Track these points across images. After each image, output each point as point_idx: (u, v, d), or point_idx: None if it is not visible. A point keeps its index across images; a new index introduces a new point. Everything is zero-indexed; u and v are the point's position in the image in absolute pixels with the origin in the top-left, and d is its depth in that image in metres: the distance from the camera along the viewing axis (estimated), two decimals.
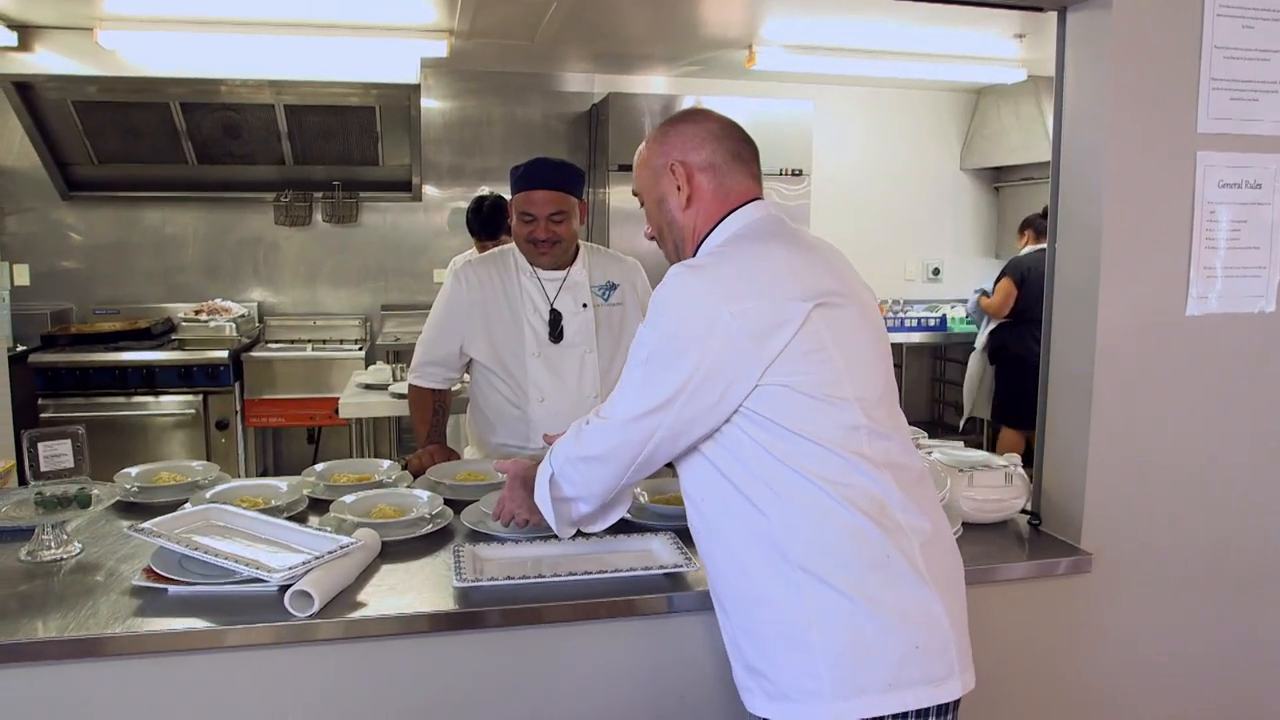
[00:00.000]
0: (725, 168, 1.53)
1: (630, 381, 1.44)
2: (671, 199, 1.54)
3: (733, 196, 1.53)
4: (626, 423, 1.43)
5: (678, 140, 1.55)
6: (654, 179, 1.57)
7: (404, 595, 1.63)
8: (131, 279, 5.37)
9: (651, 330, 1.41)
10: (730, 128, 1.56)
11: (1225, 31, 1.90)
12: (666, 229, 1.57)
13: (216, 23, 4.27)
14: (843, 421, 1.38)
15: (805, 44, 4.82)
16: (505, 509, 1.79)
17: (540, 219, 2.42)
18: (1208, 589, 2.09)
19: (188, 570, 1.64)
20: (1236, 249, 1.97)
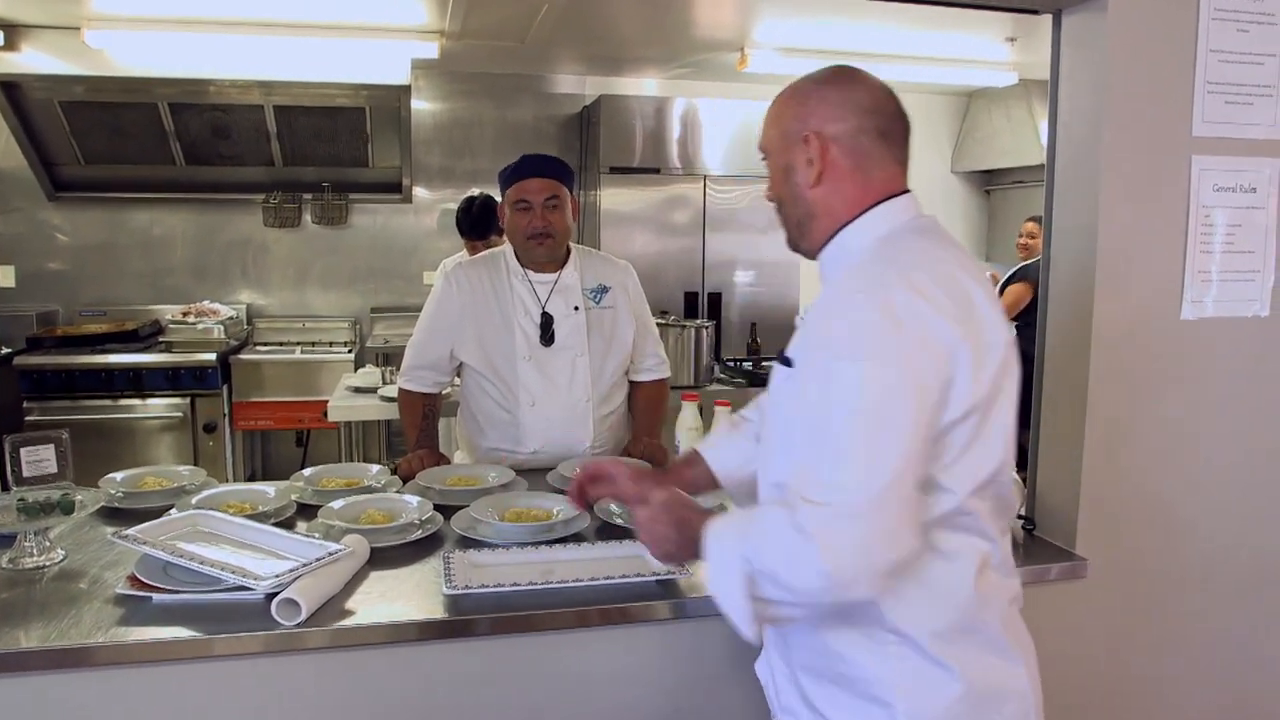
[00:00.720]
0: (870, 148, 1.34)
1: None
2: (800, 172, 1.35)
3: (875, 184, 1.35)
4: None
5: (819, 106, 1.34)
6: (784, 144, 1.37)
7: (393, 603, 1.61)
8: (119, 281, 5.32)
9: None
10: (882, 99, 1.36)
11: (1220, 35, 1.90)
12: (790, 202, 1.40)
13: (205, 23, 4.24)
14: (980, 468, 1.26)
15: (797, 47, 4.81)
16: (655, 546, 1.44)
17: (536, 205, 2.41)
18: (1204, 594, 2.09)
19: (173, 578, 1.61)
20: (1231, 253, 1.96)
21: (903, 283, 1.21)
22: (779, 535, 1.17)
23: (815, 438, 1.18)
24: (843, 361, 1.18)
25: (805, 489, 1.16)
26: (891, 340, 1.17)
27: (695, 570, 1.72)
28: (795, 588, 1.17)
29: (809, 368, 1.26)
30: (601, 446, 2.51)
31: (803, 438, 1.21)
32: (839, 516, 1.14)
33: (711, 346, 4.06)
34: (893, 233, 1.33)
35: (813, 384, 1.22)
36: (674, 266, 5.20)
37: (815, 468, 1.17)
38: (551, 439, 2.46)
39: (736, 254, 5.28)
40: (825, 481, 1.15)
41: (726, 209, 5.24)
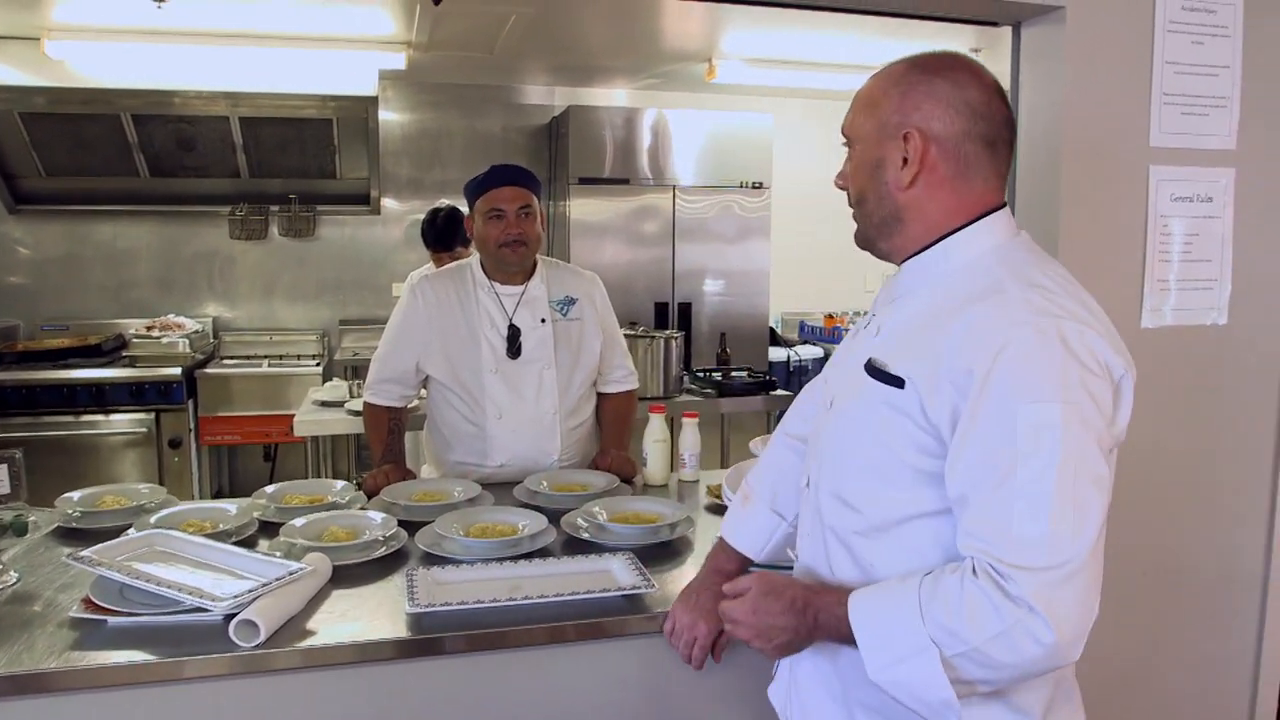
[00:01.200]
0: (974, 156, 1.21)
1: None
2: (891, 169, 1.23)
3: (975, 195, 1.23)
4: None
5: (925, 100, 1.21)
6: (877, 136, 1.24)
7: (355, 622, 1.59)
8: (82, 294, 5.24)
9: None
10: (995, 103, 1.23)
11: (1176, 47, 1.93)
12: (874, 200, 1.27)
13: (169, 34, 4.19)
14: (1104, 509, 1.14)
15: (765, 57, 4.83)
16: (766, 641, 1.28)
17: (509, 214, 2.40)
18: (1160, 601, 2.11)
19: (129, 600, 1.58)
20: (1189, 262, 1.99)
21: (1065, 310, 1.11)
22: (988, 611, 1.04)
23: (1004, 489, 1.06)
24: (1035, 405, 1.06)
25: (1010, 552, 1.05)
26: (1075, 378, 1.07)
27: (665, 584, 1.71)
28: (1011, 665, 1.06)
29: (977, 410, 1.09)
30: (569, 459, 2.50)
31: (979, 488, 1.09)
32: (1057, 581, 1.03)
33: (681, 357, 4.06)
34: (1002, 249, 1.22)
35: (988, 428, 1.08)
36: (644, 277, 5.19)
37: (1017, 526, 1.05)
38: (518, 452, 2.44)
39: (706, 264, 5.29)
40: (1031, 540, 1.04)
41: (696, 219, 5.25)
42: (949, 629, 1.07)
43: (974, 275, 1.19)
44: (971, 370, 1.10)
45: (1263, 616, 2.17)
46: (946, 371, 1.13)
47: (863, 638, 1.14)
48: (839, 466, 1.28)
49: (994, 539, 1.06)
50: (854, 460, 1.25)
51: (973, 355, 1.10)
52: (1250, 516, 2.15)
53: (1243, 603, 2.17)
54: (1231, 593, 2.16)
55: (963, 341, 1.12)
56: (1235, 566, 2.15)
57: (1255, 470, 2.14)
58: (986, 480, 1.08)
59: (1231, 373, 2.08)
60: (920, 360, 1.16)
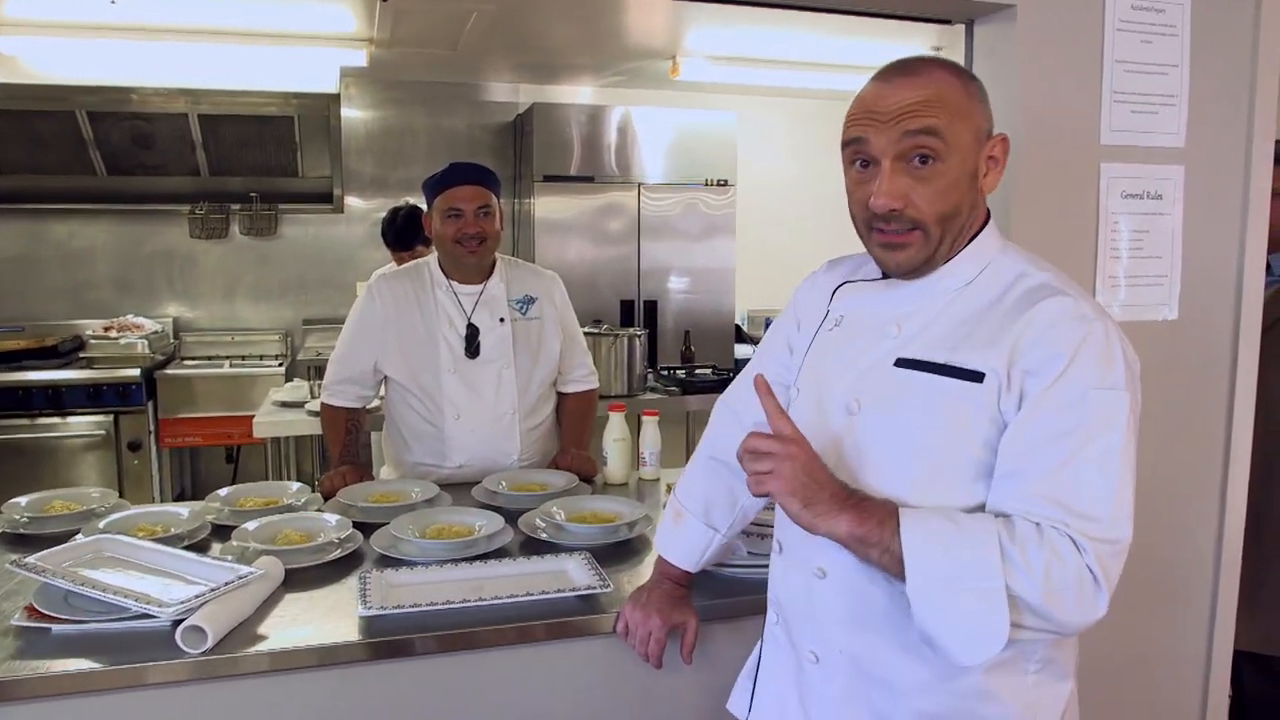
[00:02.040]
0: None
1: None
2: (985, 177, 1.25)
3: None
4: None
5: (986, 105, 1.26)
6: (976, 143, 1.23)
7: (307, 626, 1.57)
8: (37, 295, 5.14)
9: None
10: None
11: (1125, 46, 1.95)
12: (966, 211, 1.24)
13: (125, 29, 4.12)
14: None
15: (728, 55, 4.83)
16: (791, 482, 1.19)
17: (467, 212, 2.38)
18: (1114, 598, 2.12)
19: (74, 607, 1.55)
20: (1139, 258, 2.01)
21: (1097, 310, 1.21)
22: (1064, 567, 1.10)
23: (1077, 461, 1.13)
24: (1106, 391, 1.14)
25: (1076, 520, 1.11)
26: (1130, 373, 1.18)
27: (622, 583, 1.71)
28: (1059, 621, 1.12)
29: (1052, 391, 1.14)
30: (529, 459, 2.49)
31: (1047, 458, 1.13)
32: (1113, 555, 1.13)
33: (645, 355, 4.05)
34: (1008, 248, 1.30)
35: (1060, 405, 1.14)
36: (609, 275, 5.18)
37: (1088, 497, 1.12)
38: (477, 452, 2.42)
39: (671, 261, 5.29)
40: (1099, 514, 1.12)
41: (661, 216, 5.25)
42: (1025, 573, 1.09)
43: (1005, 278, 1.24)
44: (1053, 358, 1.15)
45: (1214, 607, 2.20)
46: (1021, 360, 1.17)
47: (920, 550, 1.11)
48: (887, 468, 1.24)
49: (1064, 509, 1.12)
50: (909, 461, 1.23)
51: (1055, 345, 1.15)
52: (1201, 508, 2.18)
53: (1194, 594, 2.20)
54: (1183, 583, 2.19)
55: (1042, 333, 1.17)
56: (1187, 558, 2.18)
57: (1205, 461, 2.17)
58: (1055, 455, 1.13)
59: (1182, 367, 2.11)
60: (992, 353, 1.18)
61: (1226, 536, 2.17)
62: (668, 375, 4.26)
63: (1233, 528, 2.17)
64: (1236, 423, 2.14)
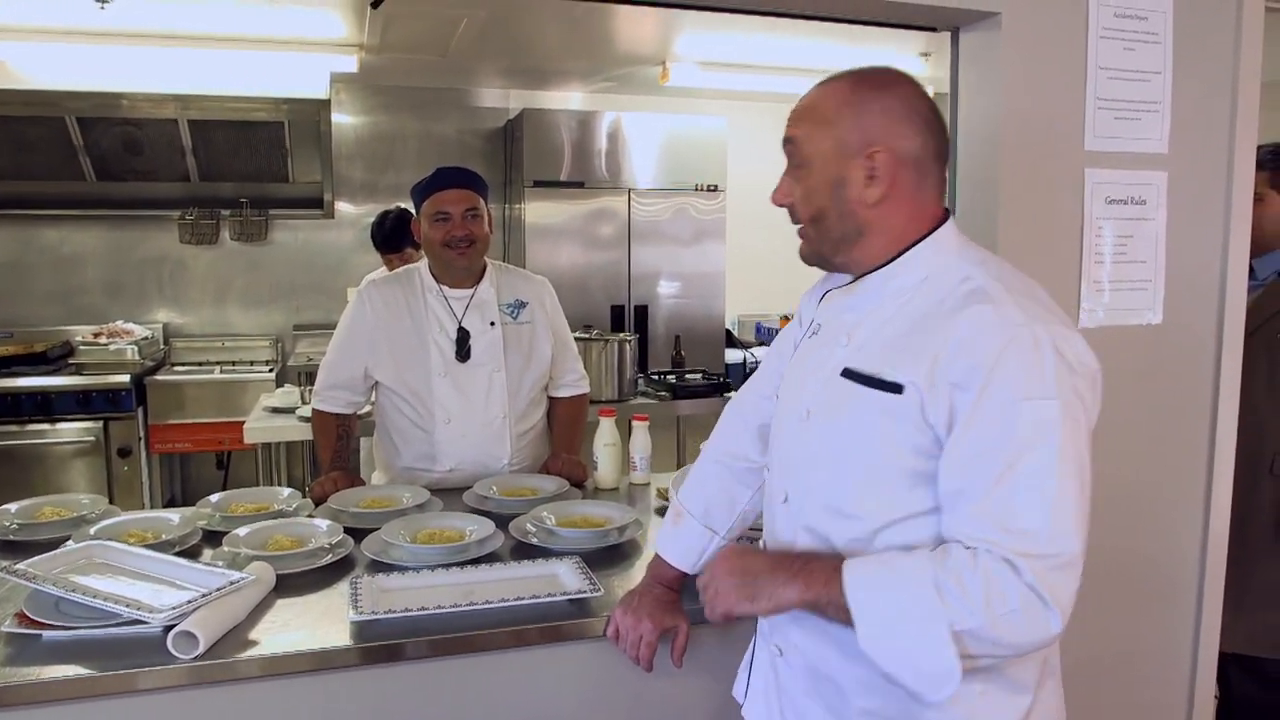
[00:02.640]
0: (929, 168, 1.26)
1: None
2: (854, 187, 1.25)
3: (929, 207, 1.28)
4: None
5: (883, 118, 1.23)
6: (837, 154, 1.25)
7: (298, 631, 1.57)
8: (27, 301, 5.13)
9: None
10: (938, 115, 1.27)
11: (1108, 53, 1.97)
12: (835, 216, 1.28)
13: (115, 35, 4.12)
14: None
15: (718, 61, 4.86)
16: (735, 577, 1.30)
17: (455, 216, 2.39)
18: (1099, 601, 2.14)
19: (65, 614, 1.55)
20: (1123, 263, 2.03)
21: (1049, 315, 1.18)
22: (1002, 591, 1.08)
23: (1008, 481, 1.11)
24: (1034, 402, 1.11)
25: (1010, 539, 1.09)
26: (1066, 378, 1.13)
27: (613, 588, 1.72)
28: (1012, 643, 1.11)
29: (979, 407, 1.13)
30: (519, 464, 2.50)
31: (980, 479, 1.12)
32: (1056, 568, 1.09)
33: (635, 360, 4.06)
34: (962, 252, 1.27)
35: (988, 423, 1.12)
36: (600, 280, 5.20)
37: (1020, 515, 1.10)
38: (468, 457, 2.43)
39: (662, 266, 5.30)
40: (1035, 530, 1.09)
41: (651, 221, 5.26)
42: (963, 605, 1.09)
43: (949, 283, 1.22)
44: (974, 369, 1.14)
45: (1199, 608, 2.22)
46: (945, 372, 1.16)
47: (863, 601, 1.14)
48: (832, 476, 1.28)
49: (999, 529, 1.10)
50: (850, 468, 1.26)
51: (974, 356, 1.14)
52: (1185, 510, 2.20)
53: (1180, 595, 2.22)
54: (1168, 585, 2.21)
55: (963, 344, 1.15)
56: (1172, 560, 2.20)
57: (1190, 464, 2.19)
58: (988, 473, 1.12)
59: (1166, 371, 2.13)
60: (916, 365, 1.18)
61: (1211, 538, 2.19)
62: (658, 380, 4.27)
63: (1217, 529, 2.19)
64: (1220, 426, 2.17)
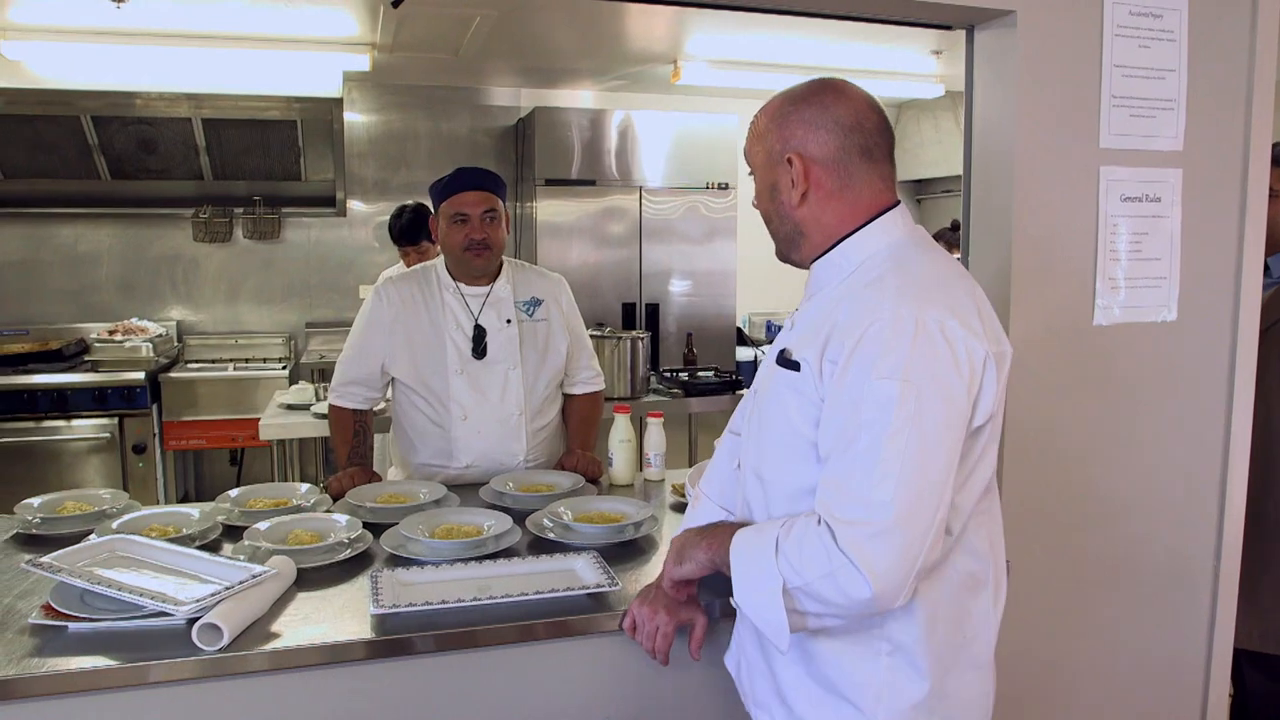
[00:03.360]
0: (854, 166, 1.35)
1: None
2: (784, 191, 1.38)
3: (864, 200, 1.36)
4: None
5: (798, 126, 1.35)
6: (767, 163, 1.40)
7: (319, 625, 1.59)
8: (42, 298, 5.18)
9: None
10: (864, 116, 1.35)
11: (1123, 51, 1.97)
12: (776, 219, 1.42)
13: (129, 34, 4.14)
14: (984, 475, 1.32)
15: (729, 59, 4.86)
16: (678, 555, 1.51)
17: (474, 218, 2.40)
18: (1111, 595, 2.15)
19: (90, 606, 1.57)
20: (1139, 260, 2.04)
21: (929, 299, 1.24)
22: (820, 557, 1.20)
23: (848, 454, 1.21)
24: (878, 381, 1.19)
25: (840, 508, 1.20)
26: (926, 359, 1.19)
27: (629, 582, 1.73)
28: (836, 603, 1.21)
29: (841, 386, 1.23)
30: (535, 460, 2.51)
31: (833, 452, 1.23)
32: (876, 535, 1.17)
33: (648, 357, 4.08)
34: (894, 245, 1.34)
35: (843, 399, 1.23)
36: (611, 278, 5.21)
37: (849, 486, 1.20)
38: (484, 453, 2.45)
39: (673, 264, 5.31)
40: (860, 499, 1.18)
41: (662, 220, 5.27)
42: (792, 564, 1.23)
43: (867, 270, 1.33)
44: (842, 348, 1.24)
45: (1214, 609, 2.22)
46: (827, 351, 1.27)
47: (734, 565, 1.33)
48: (758, 447, 1.42)
49: (835, 495, 1.21)
50: (768, 440, 1.39)
51: (845, 336, 1.24)
52: (1200, 507, 2.20)
53: (1194, 596, 2.22)
54: (1182, 586, 2.21)
55: (839, 325, 1.26)
56: (1186, 560, 2.20)
57: (1205, 463, 2.19)
58: (837, 446, 1.23)
59: (1181, 368, 2.13)
60: (812, 345, 1.30)
61: (1226, 535, 2.19)
62: (670, 378, 4.28)
63: (1232, 526, 2.19)
64: (1235, 423, 2.17)
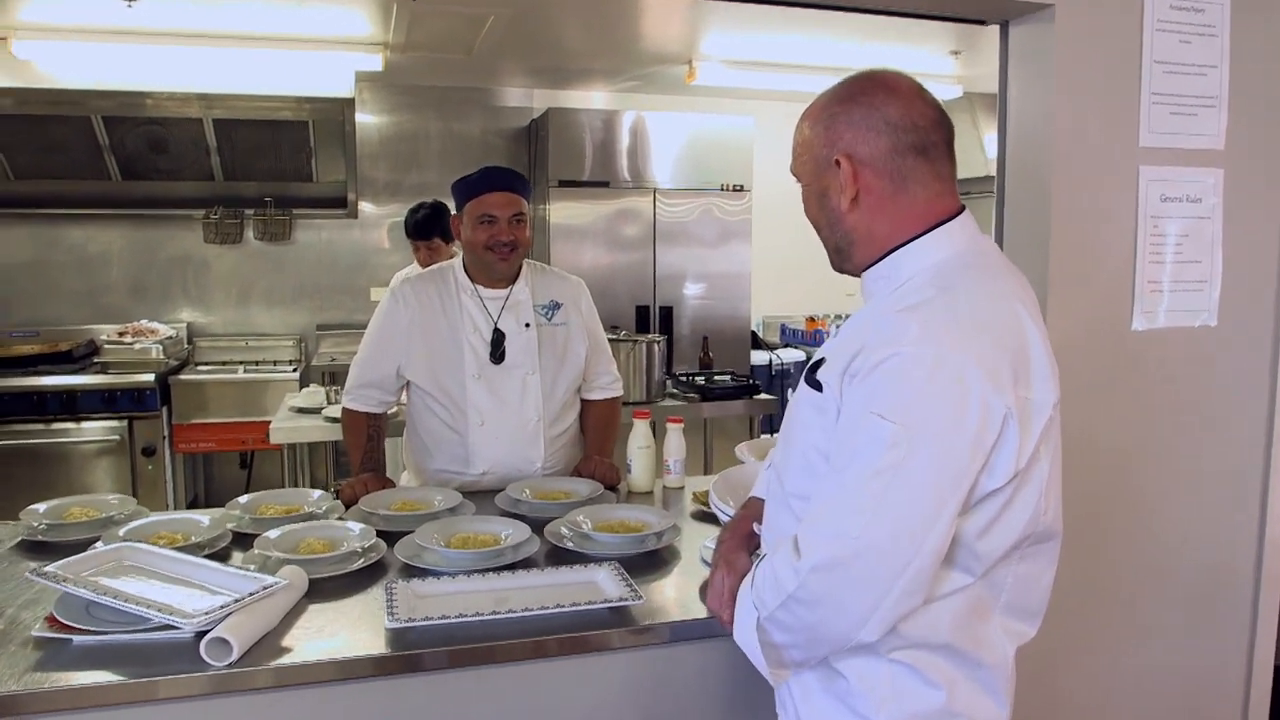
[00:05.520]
0: (908, 167, 1.25)
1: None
2: (834, 196, 1.29)
3: (920, 204, 1.26)
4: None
5: (846, 128, 1.26)
6: (815, 170, 1.31)
7: (333, 638, 1.53)
8: (53, 300, 5.14)
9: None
10: (917, 111, 1.26)
11: (1164, 47, 1.91)
12: (826, 227, 1.34)
13: (140, 34, 4.11)
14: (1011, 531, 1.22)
15: (744, 59, 4.80)
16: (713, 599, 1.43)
17: (502, 220, 2.35)
18: (1152, 603, 2.08)
19: (95, 617, 1.52)
20: (1179, 263, 1.97)
21: (958, 341, 1.14)
22: (785, 581, 1.17)
23: (835, 481, 1.16)
24: (875, 417, 1.13)
25: (812, 532, 1.16)
26: (932, 405, 1.12)
27: (651, 595, 1.67)
28: (799, 635, 1.19)
29: (848, 408, 1.18)
30: (552, 467, 2.45)
31: (830, 474, 1.19)
32: (836, 565, 1.13)
33: (664, 361, 4.02)
34: (947, 262, 1.25)
35: (845, 424, 1.18)
36: (625, 280, 5.15)
37: (825, 513, 1.16)
38: (501, 460, 2.39)
39: (687, 267, 5.26)
40: (831, 528, 1.14)
41: (677, 222, 5.22)
42: (760, 597, 1.22)
43: (910, 290, 1.23)
44: (855, 375, 1.18)
45: (1254, 616, 2.15)
46: (850, 369, 1.20)
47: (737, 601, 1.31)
48: (784, 458, 1.36)
49: (808, 521, 1.18)
50: (793, 454, 1.33)
51: (865, 359, 1.17)
52: (1241, 518, 2.14)
53: (1234, 603, 2.15)
54: (1223, 593, 2.14)
55: (867, 347, 1.18)
56: (1227, 567, 2.13)
57: (1245, 470, 2.13)
58: (833, 469, 1.18)
59: (1221, 374, 2.07)
60: (838, 363, 1.22)
61: (1267, 547, 2.12)
62: (685, 381, 4.22)
63: (1274, 538, 2.12)
64: (1277, 431, 2.10)
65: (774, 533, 1.36)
